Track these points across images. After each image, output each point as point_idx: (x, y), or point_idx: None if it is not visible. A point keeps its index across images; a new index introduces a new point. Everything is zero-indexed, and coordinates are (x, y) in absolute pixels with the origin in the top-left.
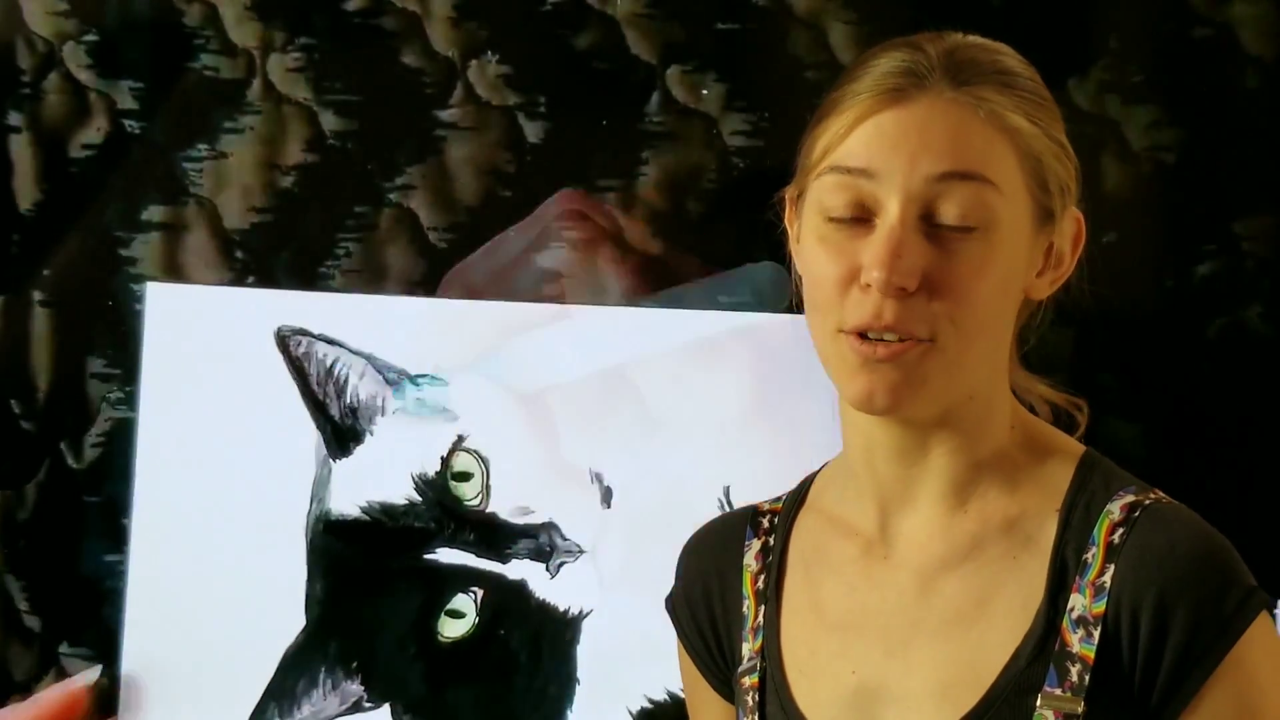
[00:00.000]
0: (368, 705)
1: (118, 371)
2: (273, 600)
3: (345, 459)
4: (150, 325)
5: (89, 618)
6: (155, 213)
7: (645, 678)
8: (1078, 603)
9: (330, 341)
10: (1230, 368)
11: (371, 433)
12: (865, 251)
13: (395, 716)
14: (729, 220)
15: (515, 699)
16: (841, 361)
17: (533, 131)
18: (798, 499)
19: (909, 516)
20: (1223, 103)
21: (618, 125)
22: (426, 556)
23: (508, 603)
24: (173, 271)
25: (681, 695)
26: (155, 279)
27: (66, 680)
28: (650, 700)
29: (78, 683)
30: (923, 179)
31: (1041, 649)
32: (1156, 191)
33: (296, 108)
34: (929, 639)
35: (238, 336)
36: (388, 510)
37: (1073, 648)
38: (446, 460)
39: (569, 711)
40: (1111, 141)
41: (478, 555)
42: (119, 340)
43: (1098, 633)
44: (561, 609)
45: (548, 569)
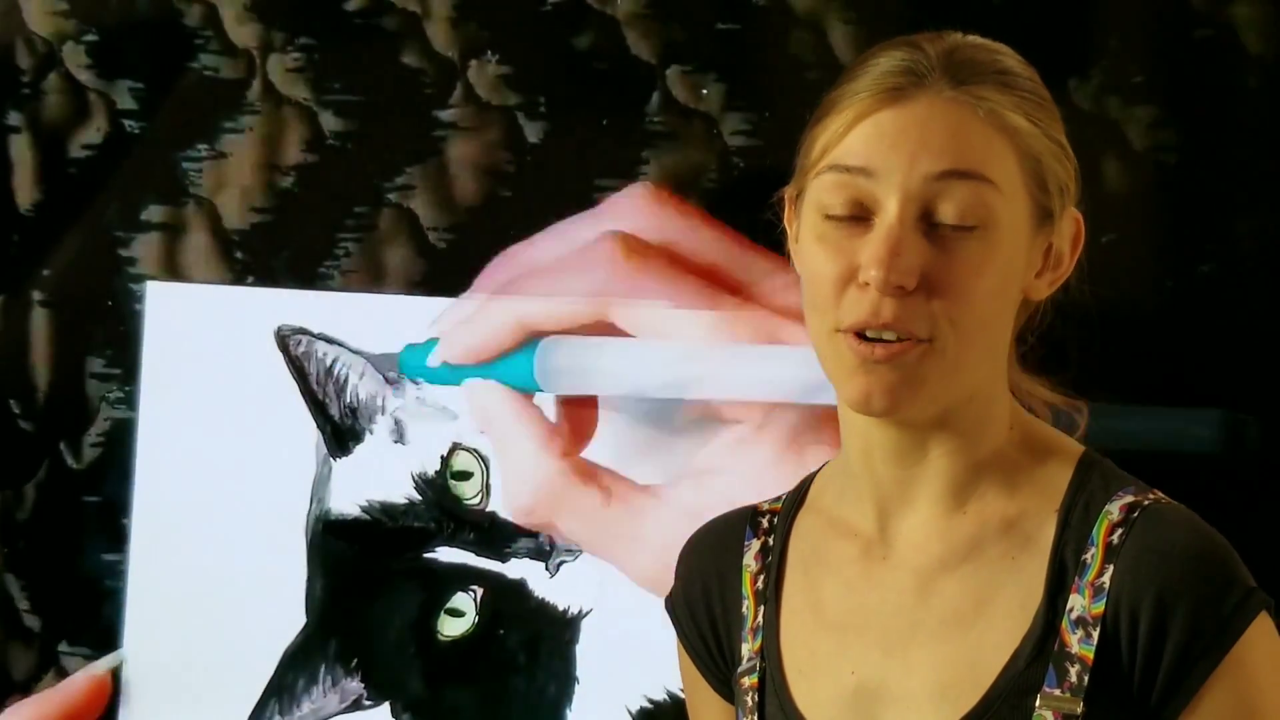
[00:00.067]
0: (367, 703)
1: (117, 371)
2: (273, 599)
3: (345, 458)
4: (151, 324)
5: (89, 617)
6: (155, 213)
7: (645, 677)
8: (1077, 603)
9: (330, 341)
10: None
11: (371, 432)
12: (864, 250)
13: (395, 715)
14: (729, 220)
15: (514, 698)
16: (839, 362)
17: (533, 131)
18: (797, 499)
19: (908, 517)
20: (1223, 103)
21: (618, 125)
22: (426, 555)
23: (507, 602)
24: (172, 271)
25: (681, 695)
26: (155, 279)
27: (89, 665)
28: (650, 700)
29: (100, 668)
30: (921, 178)
31: (1040, 649)
32: (1156, 191)
33: (296, 108)
34: (928, 639)
35: (238, 336)
36: (388, 509)
37: (1072, 648)
38: (446, 459)
39: (568, 711)
40: (1112, 141)
41: (477, 554)
42: (118, 340)
43: (1097, 633)
44: (561, 608)
45: (547, 568)
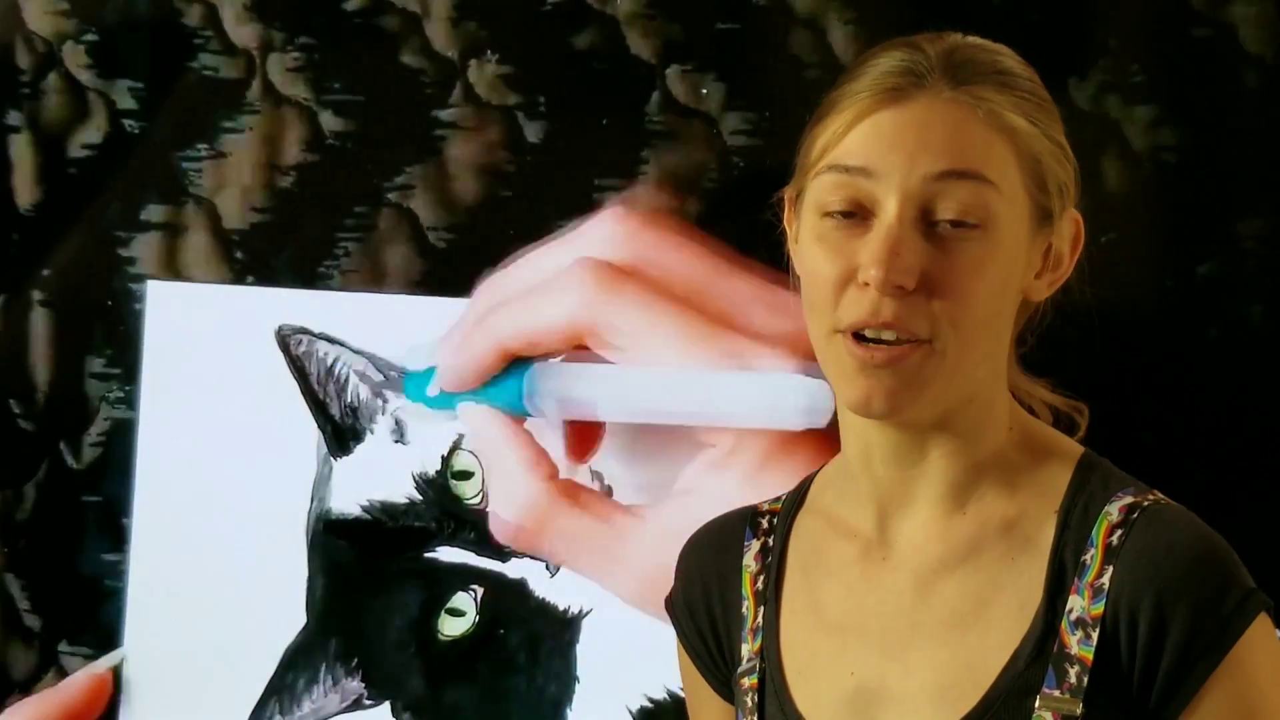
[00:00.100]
0: (368, 703)
1: (117, 371)
2: (273, 598)
3: (346, 458)
4: (151, 323)
5: (89, 617)
6: (155, 212)
7: (645, 677)
8: (1076, 604)
9: (331, 340)
10: (1230, 368)
11: (372, 431)
12: (863, 250)
13: (395, 714)
14: (729, 220)
15: (515, 698)
16: (839, 365)
17: (533, 131)
18: (797, 500)
19: (907, 518)
20: (1223, 103)
21: (618, 125)
22: (427, 555)
23: (508, 601)
24: (172, 271)
25: (682, 694)
26: (155, 278)
27: (91, 664)
28: (650, 699)
29: (101, 666)
30: (921, 178)
31: (1040, 651)
32: (1157, 191)
33: (296, 108)
34: (927, 641)
35: (239, 335)
36: (388, 509)
37: (1071, 649)
38: (447, 459)
39: (569, 710)
40: (1112, 141)
41: (478, 554)
42: (118, 340)
43: (1096, 634)
44: (561, 608)
45: (548, 568)
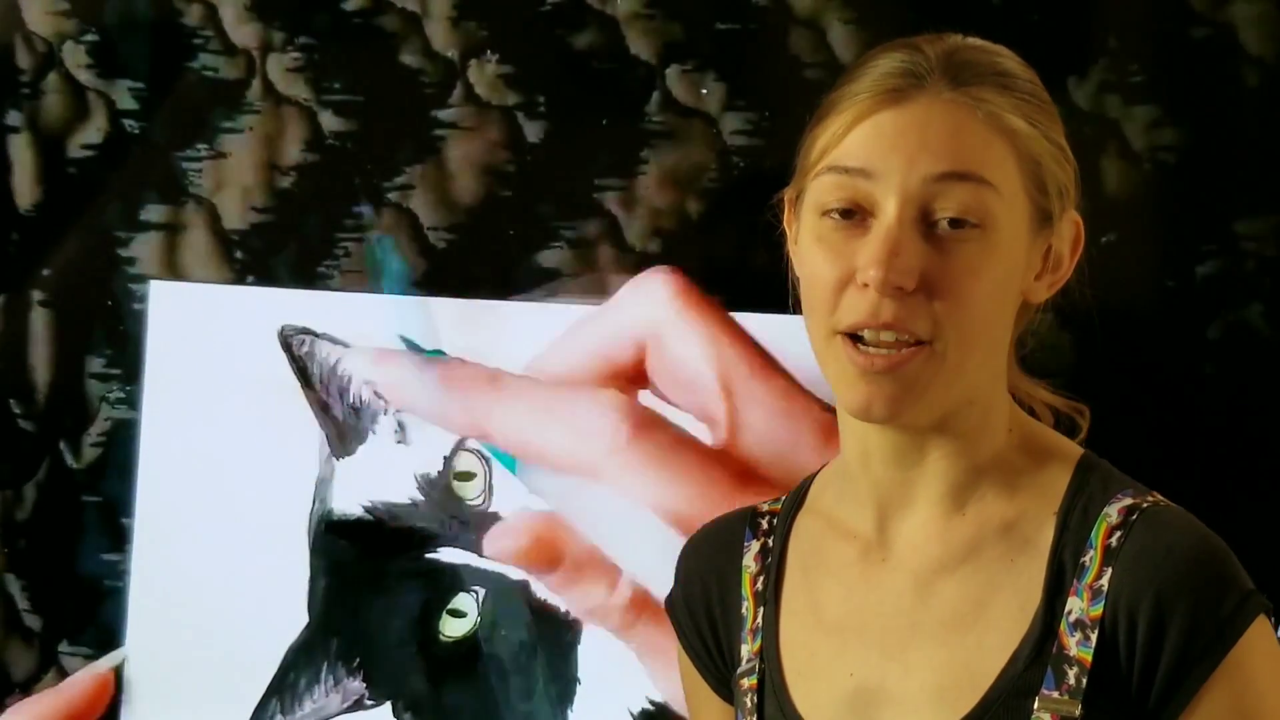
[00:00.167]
0: (369, 703)
1: (117, 371)
2: (275, 599)
3: (348, 458)
4: (154, 323)
5: (89, 617)
6: (155, 212)
7: (646, 678)
8: (1075, 606)
9: (333, 340)
10: (1230, 368)
11: (374, 432)
12: (862, 251)
13: (396, 715)
14: (729, 220)
15: (516, 698)
16: (840, 369)
17: (533, 131)
18: (797, 500)
19: (907, 519)
20: (1223, 103)
21: (618, 125)
22: (429, 556)
23: (509, 603)
24: (172, 271)
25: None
26: (154, 278)
27: (92, 664)
28: (651, 701)
29: (103, 666)
30: (920, 179)
31: (1039, 652)
32: (1156, 191)
33: (296, 108)
34: (927, 641)
35: (241, 335)
36: (390, 510)
37: (1070, 651)
38: (449, 460)
39: (570, 711)
40: (1112, 141)
41: (480, 555)
42: (118, 340)
43: (1095, 636)
44: (563, 609)
45: None
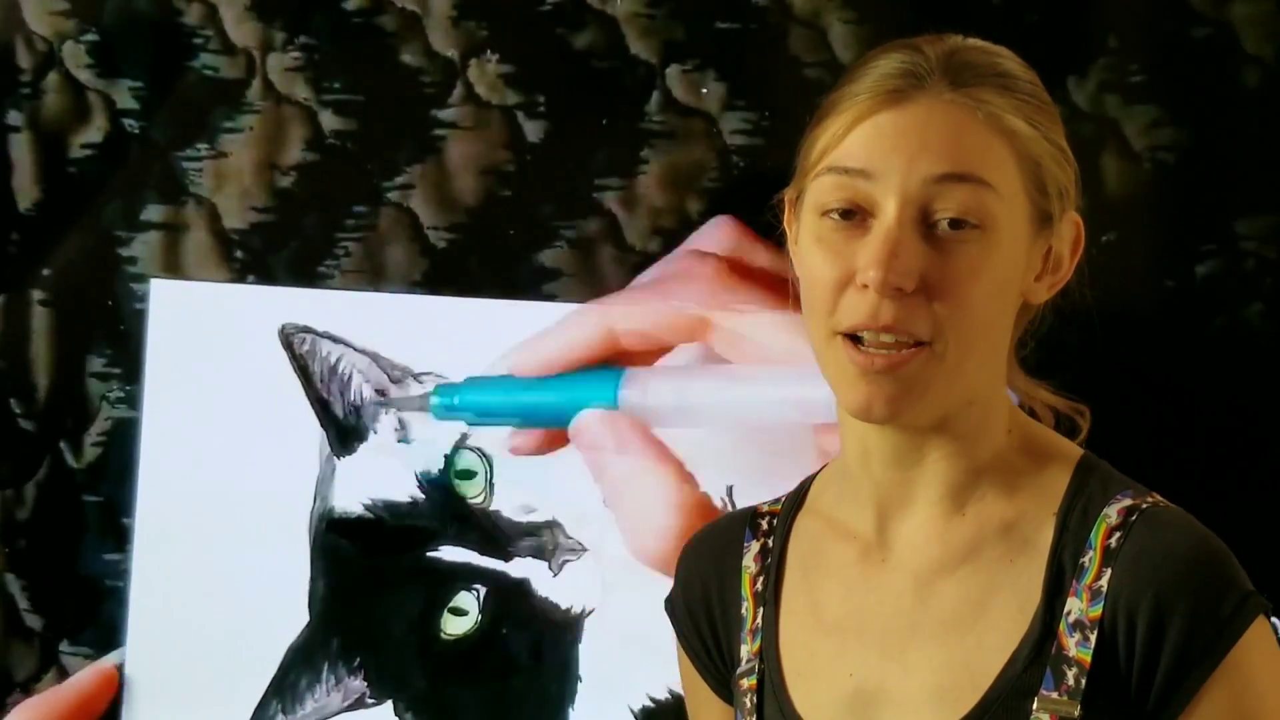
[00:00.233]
0: (370, 702)
1: (117, 370)
2: (276, 597)
3: (349, 457)
4: (154, 322)
5: (89, 617)
6: (155, 212)
7: (647, 676)
8: (1074, 606)
9: (334, 339)
10: (1230, 368)
11: (375, 430)
12: (862, 252)
13: (397, 713)
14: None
15: (517, 697)
16: (839, 369)
17: (533, 131)
18: (796, 501)
19: (906, 520)
20: (1223, 103)
21: (618, 125)
22: (429, 554)
23: (510, 601)
24: (172, 271)
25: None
26: (155, 278)
27: (97, 661)
28: (652, 699)
29: (107, 663)
30: (920, 180)
31: (1038, 653)
32: (1156, 191)
33: (296, 107)
34: (926, 642)
35: (242, 333)
36: (391, 508)
37: (1069, 651)
38: (450, 458)
39: (571, 709)
40: (1111, 141)
41: (481, 553)
42: (119, 339)
43: (1094, 637)
44: (564, 607)
45: (550, 567)
